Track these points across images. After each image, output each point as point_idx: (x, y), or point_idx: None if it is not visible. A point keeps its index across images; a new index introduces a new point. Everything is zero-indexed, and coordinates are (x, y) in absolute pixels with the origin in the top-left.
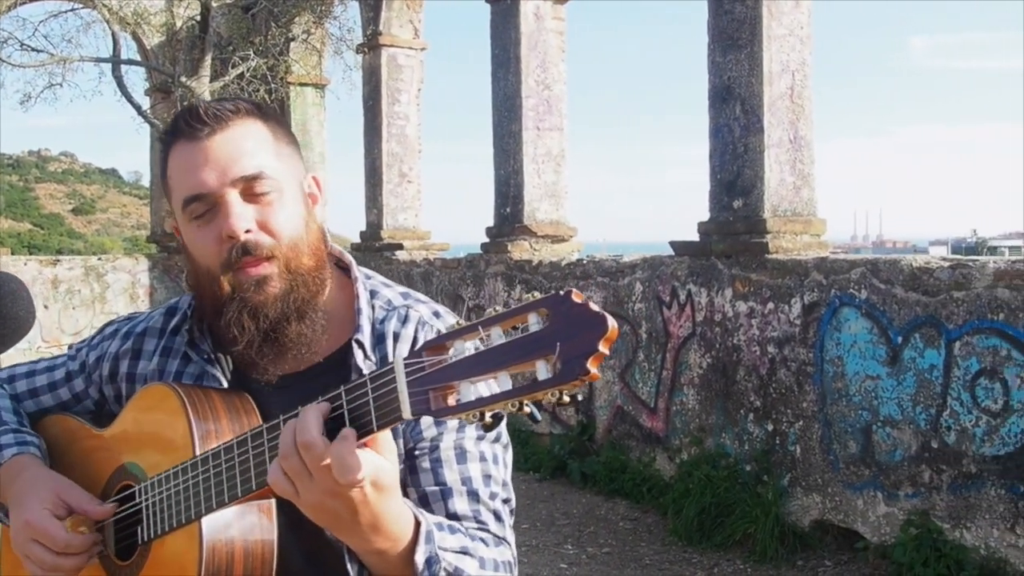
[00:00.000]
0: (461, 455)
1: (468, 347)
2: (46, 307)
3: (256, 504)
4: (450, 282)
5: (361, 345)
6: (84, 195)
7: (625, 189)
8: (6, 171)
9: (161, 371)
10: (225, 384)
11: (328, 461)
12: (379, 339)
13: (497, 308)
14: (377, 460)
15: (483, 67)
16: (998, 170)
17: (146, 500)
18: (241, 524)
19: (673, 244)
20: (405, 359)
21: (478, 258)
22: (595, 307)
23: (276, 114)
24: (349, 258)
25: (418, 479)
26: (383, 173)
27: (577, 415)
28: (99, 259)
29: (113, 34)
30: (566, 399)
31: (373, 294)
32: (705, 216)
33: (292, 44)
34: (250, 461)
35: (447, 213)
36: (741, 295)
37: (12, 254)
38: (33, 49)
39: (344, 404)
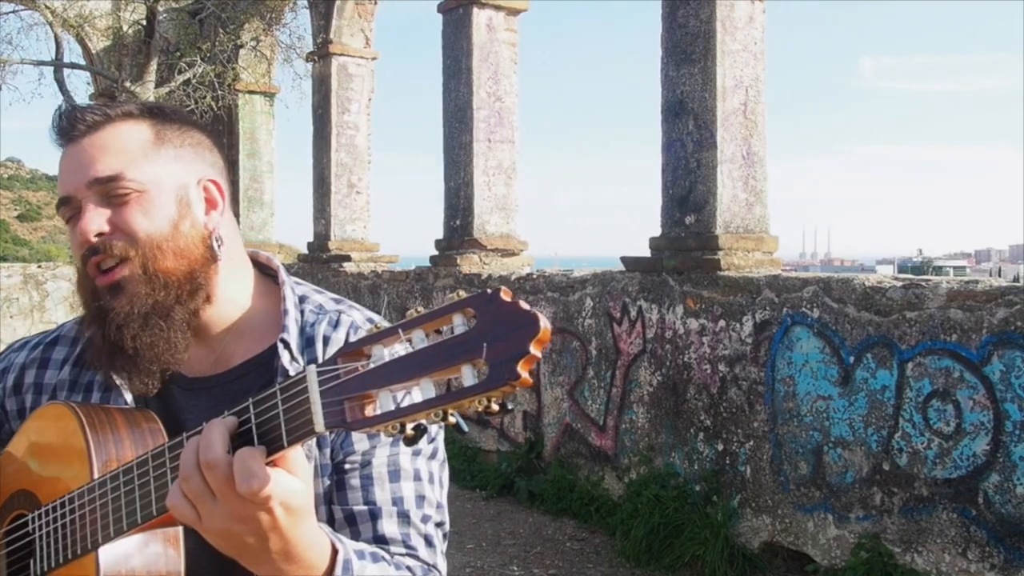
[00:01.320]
0: (394, 473)
1: (388, 352)
2: None
3: (161, 532)
4: (398, 295)
5: (287, 346)
6: (30, 201)
7: (577, 203)
8: None
9: (74, 381)
10: (128, 396)
11: (230, 484)
12: (308, 342)
13: (419, 309)
14: (288, 480)
15: (434, 77)
16: (943, 190)
17: (39, 530)
18: (143, 555)
19: (624, 260)
20: (318, 366)
21: (427, 271)
22: (525, 306)
23: (175, 116)
24: (277, 263)
25: (346, 496)
26: (332, 183)
27: (525, 432)
28: (39, 267)
29: (56, 37)
30: (494, 407)
31: (302, 299)
32: (657, 232)
33: (241, 51)
34: (151, 484)
35: (396, 225)
36: (692, 312)
37: None
38: None
39: (252, 418)
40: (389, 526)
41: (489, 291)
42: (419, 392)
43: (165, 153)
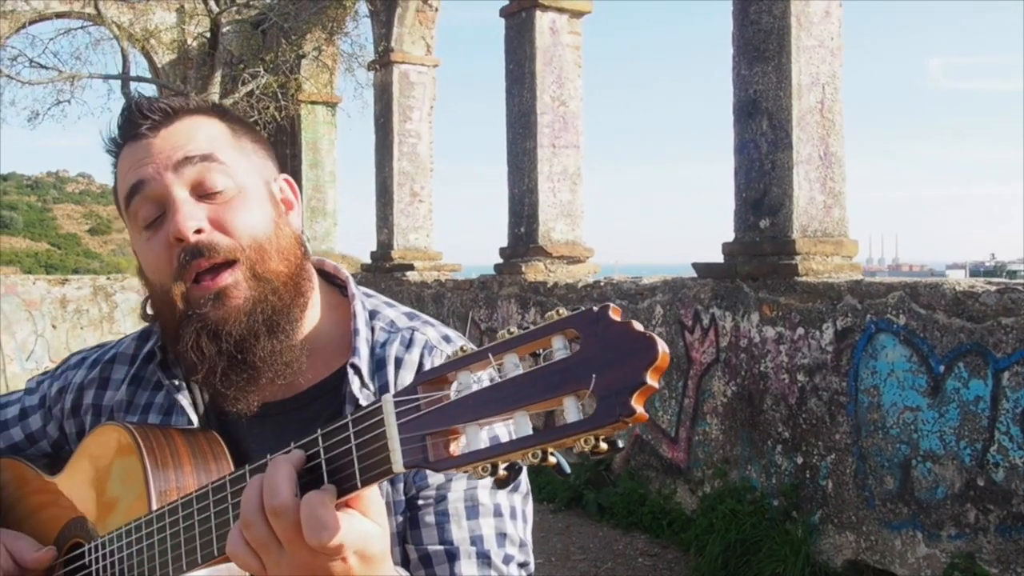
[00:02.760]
0: (472, 509)
1: (476, 380)
2: (54, 327)
3: (226, 568)
4: (462, 304)
5: (358, 371)
6: (100, 215)
7: (644, 209)
8: (25, 192)
9: (129, 402)
10: (194, 417)
11: (299, 532)
12: (379, 365)
13: (512, 330)
14: (362, 524)
15: (497, 84)
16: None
17: (95, 563)
18: None
19: (696, 266)
20: (395, 396)
21: (491, 279)
22: (639, 327)
23: (237, 115)
24: (345, 273)
25: (420, 535)
26: (394, 192)
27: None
28: (108, 279)
29: (123, 51)
30: (603, 446)
31: (373, 314)
32: (729, 236)
33: (303, 61)
34: (211, 521)
35: (459, 234)
36: (769, 320)
37: (27, 272)
38: (42, 66)
39: (321, 452)
40: (468, 568)
41: (595, 308)
42: (513, 427)
43: (244, 145)
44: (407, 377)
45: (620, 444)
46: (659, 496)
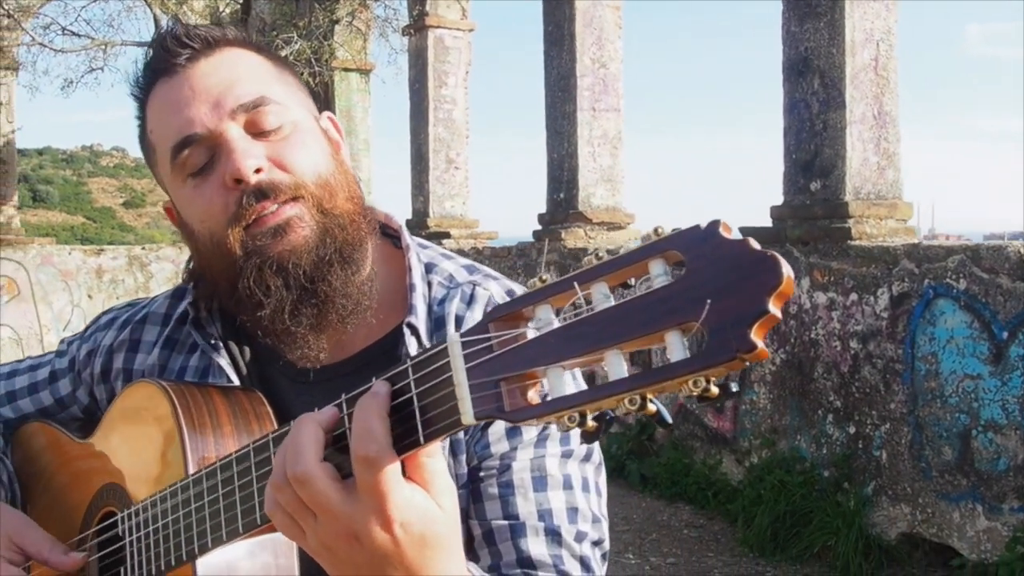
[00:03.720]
0: (540, 480)
1: (558, 315)
2: (90, 296)
3: (271, 539)
4: (500, 272)
5: (415, 331)
6: (135, 189)
7: (687, 173)
8: (60, 166)
9: (163, 367)
10: (234, 378)
11: (329, 500)
12: (438, 324)
13: (600, 254)
14: (420, 498)
15: (534, 48)
16: None
17: (128, 533)
18: (250, 565)
19: (743, 231)
20: (463, 335)
21: (530, 247)
22: (756, 245)
23: (269, 48)
24: (398, 222)
25: (483, 509)
26: (429, 159)
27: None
28: (143, 248)
29: (155, 17)
30: (714, 389)
31: (430, 267)
32: (778, 200)
33: (337, 27)
34: (253, 486)
35: (495, 202)
36: (820, 285)
37: (59, 243)
38: (75, 34)
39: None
40: (536, 546)
41: (702, 225)
42: (606, 369)
43: (289, 81)
44: None
45: (734, 388)
46: (704, 466)
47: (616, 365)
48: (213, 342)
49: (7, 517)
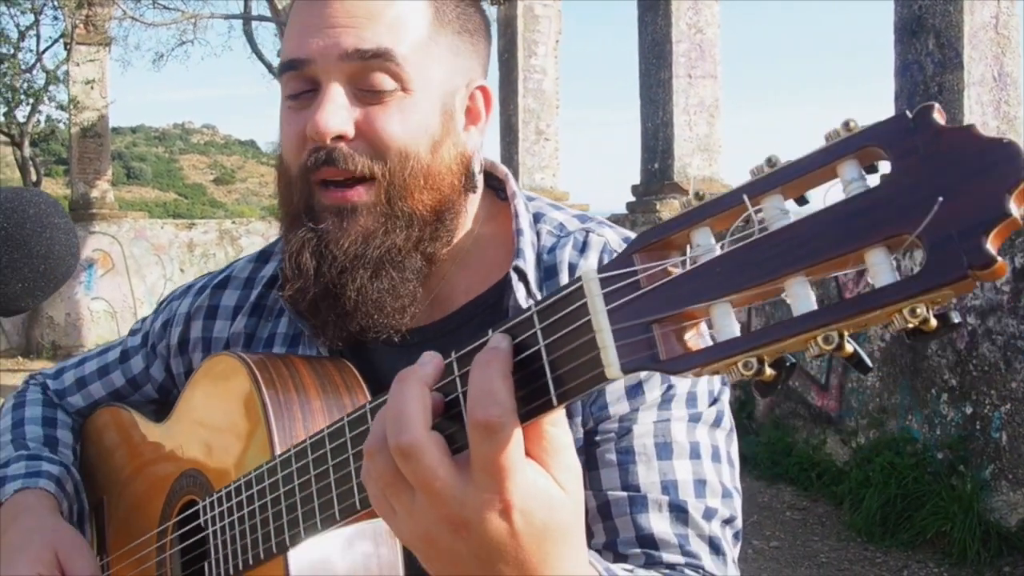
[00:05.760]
0: (664, 447)
1: (720, 241)
2: (182, 270)
3: (370, 525)
4: None
5: (523, 276)
6: (225, 166)
7: (786, 141)
8: (153, 143)
9: (250, 335)
10: (322, 350)
11: (438, 477)
12: (548, 273)
13: (773, 159)
14: (543, 479)
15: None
16: None
17: (211, 524)
18: (348, 557)
19: None
20: (602, 270)
21: (623, 219)
22: (984, 131)
23: None
24: (504, 170)
25: (599, 478)
26: (519, 130)
27: (734, 390)
28: (233, 223)
29: None
30: (932, 322)
31: (538, 217)
32: (887, 170)
33: None
34: (350, 464)
35: (585, 175)
36: None
37: (150, 217)
38: (165, 7)
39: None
40: (658, 522)
41: (910, 113)
42: (789, 301)
43: (442, 41)
44: None
45: (955, 318)
46: (807, 446)
47: (802, 296)
48: None
49: (60, 534)
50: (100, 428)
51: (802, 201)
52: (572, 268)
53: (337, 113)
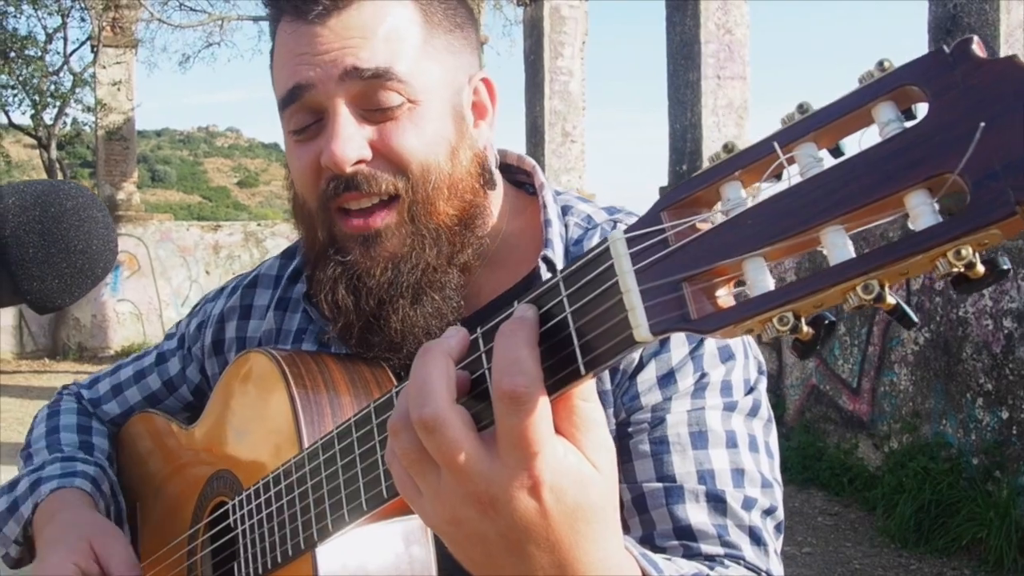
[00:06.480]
0: (699, 436)
1: (750, 194)
2: (207, 272)
3: (400, 523)
4: None
5: (551, 266)
6: (248, 168)
7: None
8: (177, 146)
9: (277, 330)
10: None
11: (463, 452)
12: None
13: (804, 105)
14: (573, 456)
15: (653, 17)
16: None
17: (240, 523)
18: (379, 555)
19: None
20: (628, 229)
21: None
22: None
23: None
24: (531, 162)
25: (632, 470)
26: (545, 132)
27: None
28: (258, 225)
29: None
30: (979, 268)
31: (566, 209)
32: None
33: None
34: (376, 451)
35: (610, 177)
36: None
37: (176, 219)
38: (192, 9)
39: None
40: (696, 513)
41: (947, 48)
42: (826, 252)
43: (437, 43)
44: None
45: (1005, 264)
46: (838, 451)
47: (839, 245)
48: None
49: (96, 527)
50: (134, 436)
51: (837, 152)
52: None
53: (352, 139)
